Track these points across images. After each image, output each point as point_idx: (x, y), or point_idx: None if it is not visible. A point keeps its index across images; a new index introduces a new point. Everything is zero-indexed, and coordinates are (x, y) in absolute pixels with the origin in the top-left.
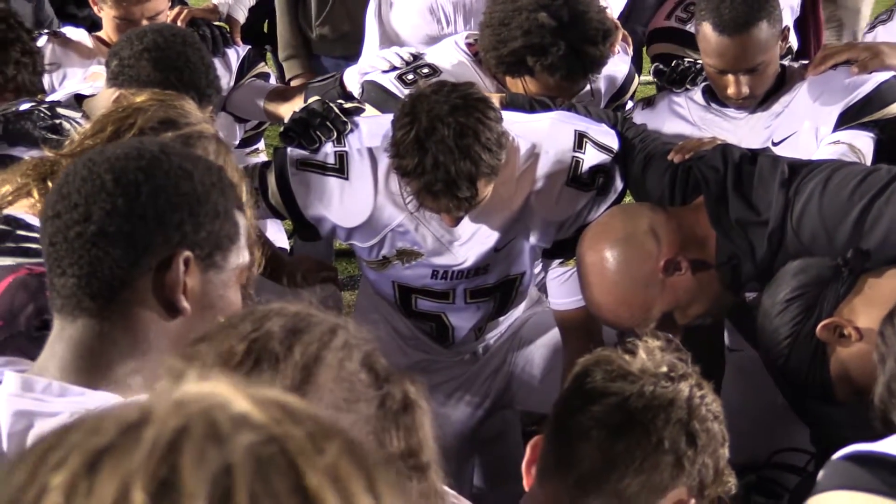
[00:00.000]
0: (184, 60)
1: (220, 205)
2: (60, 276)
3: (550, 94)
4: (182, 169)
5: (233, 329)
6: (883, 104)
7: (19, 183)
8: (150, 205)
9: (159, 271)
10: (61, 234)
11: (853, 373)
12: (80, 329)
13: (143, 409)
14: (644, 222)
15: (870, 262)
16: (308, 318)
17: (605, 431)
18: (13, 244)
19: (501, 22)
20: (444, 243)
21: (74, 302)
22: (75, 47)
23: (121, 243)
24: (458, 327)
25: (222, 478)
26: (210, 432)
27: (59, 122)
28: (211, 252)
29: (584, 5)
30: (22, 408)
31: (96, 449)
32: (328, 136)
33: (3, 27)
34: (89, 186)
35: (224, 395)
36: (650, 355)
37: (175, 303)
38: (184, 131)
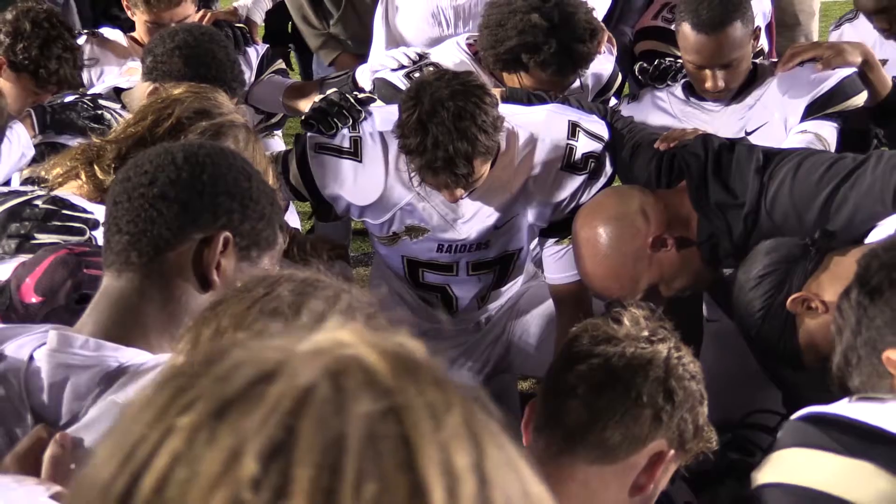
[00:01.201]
0: (211, 57)
1: (267, 212)
2: (116, 234)
3: (543, 88)
4: (244, 170)
5: (247, 293)
6: (845, 97)
7: (68, 166)
8: (209, 185)
9: (201, 245)
10: (126, 195)
11: (820, 342)
12: (123, 283)
13: (277, 361)
14: (635, 203)
15: (835, 242)
16: (315, 283)
17: (589, 388)
18: (59, 223)
19: (498, 23)
20: (448, 221)
21: (124, 257)
22: (111, 46)
23: (175, 209)
24: (462, 297)
25: (334, 450)
26: (333, 396)
27: (100, 113)
28: (249, 245)
29: (573, 7)
30: (61, 361)
31: (224, 398)
32: (344, 123)
33: (46, 26)
34: (161, 159)
35: (355, 348)
36: (634, 322)
37: (208, 276)
38: (216, 120)
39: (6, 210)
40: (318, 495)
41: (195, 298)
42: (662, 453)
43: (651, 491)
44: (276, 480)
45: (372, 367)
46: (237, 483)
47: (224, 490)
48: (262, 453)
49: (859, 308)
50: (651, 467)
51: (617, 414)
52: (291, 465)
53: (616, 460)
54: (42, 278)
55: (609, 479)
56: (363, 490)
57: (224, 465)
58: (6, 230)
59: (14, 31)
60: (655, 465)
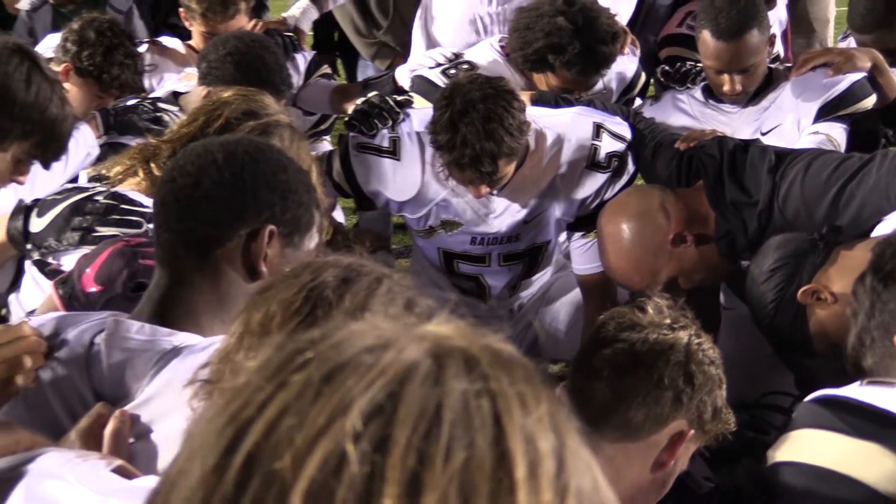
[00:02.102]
0: (261, 62)
1: (304, 198)
2: (166, 232)
3: (569, 87)
4: (279, 162)
5: (294, 279)
6: (855, 100)
7: (127, 164)
8: (250, 182)
9: (248, 239)
10: (173, 195)
11: (829, 330)
12: (174, 278)
13: (387, 338)
14: (656, 201)
15: (842, 237)
16: (358, 269)
17: (614, 371)
18: (118, 216)
19: (526, 27)
20: (480, 216)
21: (174, 254)
22: (170, 53)
23: (220, 208)
24: (494, 286)
25: (431, 417)
26: (435, 372)
27: (159, 115)
28: (291, 232)
29: (595, 12)
30: (119, 346)
31: (337, 363)
32: (384, 124)
33: (109, 34)
34: (202, 160)
35: (459, 341)
36: (657, 311)
37: (256, 267)
38: (263, 121)
39: (70, 205)
40: (412, 455)
41: (243, 287)
42: (683, 433)
43: (672, 468)
44: (375, 436)
45: (472, 355)
46: (340, 434)
47: (328, 440)
48: (365, 412)
49: (873, 293)
50: (672, 446)
51: (640, 395)
52: (391, 424)
53: (639, 439)
54: (101, 269)
55: (633, 456)
56: (453, 456)
57: (329, 419)
58: (70, 224)
59: (80, 39)
60: (676, 443)
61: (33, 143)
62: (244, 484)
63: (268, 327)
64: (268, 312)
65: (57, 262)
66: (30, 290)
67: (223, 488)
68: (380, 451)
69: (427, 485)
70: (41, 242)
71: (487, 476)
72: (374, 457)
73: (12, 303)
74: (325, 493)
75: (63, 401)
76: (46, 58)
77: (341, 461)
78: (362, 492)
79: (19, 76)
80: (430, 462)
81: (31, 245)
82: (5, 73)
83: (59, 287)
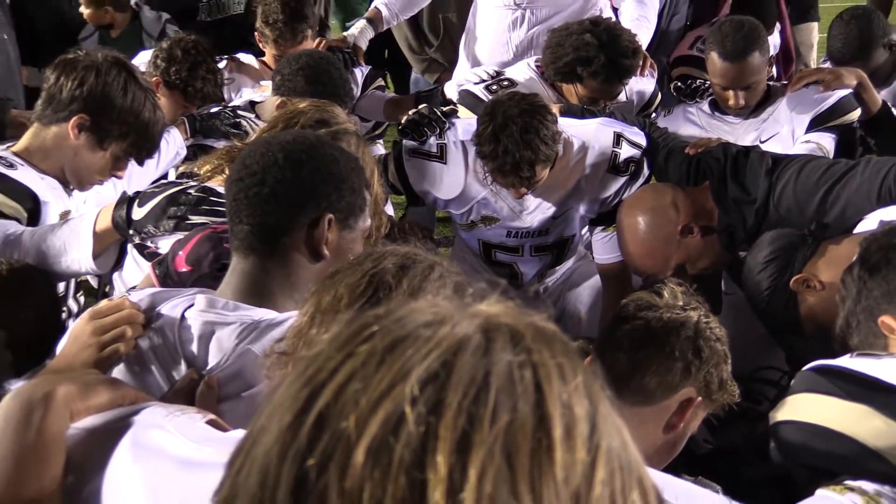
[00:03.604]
0: (327, 76)
1: (356, 184)
2: (238, 224)
3: (595, 96)
4: (332, 156)
5: (358, 266)
6: (843, 113)
7: (215, 163)
8: (308, 178)
9: (310, 227)
10: (243, 193)
11: (817, 313)
12: (250, 264)
13: (442, 315)
14: (668, 197)
15: (829, 232)
16: (413, 257)
17: (632, 344)
18: (207, 207)
19: (558, 43)
20: (515, 212)
21: (247, 244)
22: (246, 69)
23: (285, 203)
24: (526, 273)
25: (480, 383)
26: (484, 345)
27: (238, 121)
28: (346, 216)
29: (618, 31)
30: (207, 319)
31: (398, 335)
32: (433, 132)
33: (193, 52)
34: (265, 160)
35: (506, 318)
36: (672, 295)
37: (319, 251)
38: (333, 128)
39: (166, 196)
40: (462, 416)
41: (310, 268)
42: (691, 399)
43: (682, 430)
44: (430, 400)
45: (518, 331)
46: (400, 398)
47: (389, 402)
48: (422, 378)
49: (860, 281)
50: (681, 410)
51: (654, 365)
52: (444, 390)
53: (652, 403)
54: (191, 252)
55: (647, 418)
56: (499, 418)
57: (390, 384)
58: (166, 213)
59: (168, 56)
60: (685, 408)
61: (129, 143)
62: (315, 440)
63: (336, 307)
64: (336, 294)
65: (155, 245)
66: (131, 270)
67: (297, 443)
68: (434, 413)
69: (475, 443)
70: (141, 228)
71: (529, 436)
72: (428, 418)
73: (116, 280)
74: (385, 449)
75: (159, 365)
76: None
77: (400, 421)
78: (418, 448)
79: (117, 85)
80: (479, 423)
81: (133, 231)
82: (105, 82)
83: (156, 267)
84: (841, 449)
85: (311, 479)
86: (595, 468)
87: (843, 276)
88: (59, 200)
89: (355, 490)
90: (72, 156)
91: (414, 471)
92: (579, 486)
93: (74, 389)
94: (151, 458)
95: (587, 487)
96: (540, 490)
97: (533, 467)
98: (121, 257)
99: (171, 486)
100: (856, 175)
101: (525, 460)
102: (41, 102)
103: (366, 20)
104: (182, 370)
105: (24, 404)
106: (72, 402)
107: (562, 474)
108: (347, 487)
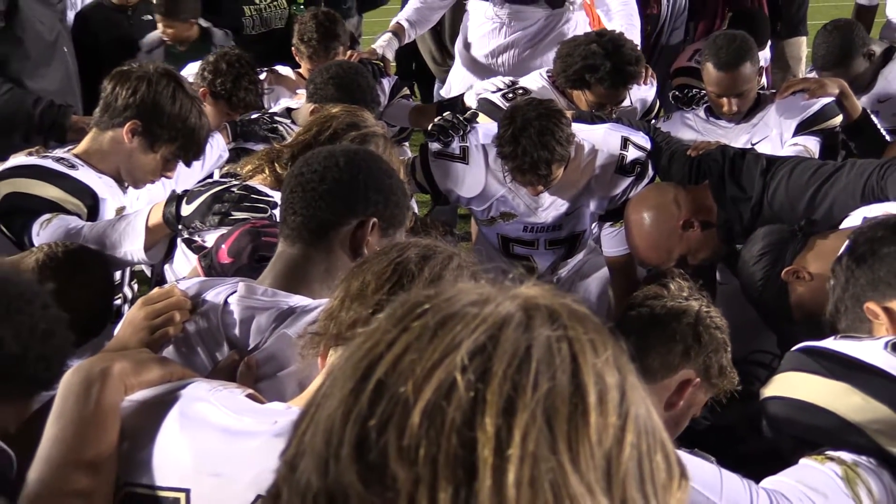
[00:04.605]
0: (356, 85)
1: (402, 201)
2: (292, 214)
3: (602, 101)
4: (386, 170)
5: (384, 255)
6: (826, 119)
7: (256, 164)
8: (363, 183)
9: (356, 227)
10: (301, 186)
11: (806, 302)
12: (296, 251)
13: (487, 295)
14: (670, 195)
15: (817, 228)
16: (434, 248)
17: (639, 327)
18: (249, 204)
19: (567, 54)
20: (531, 209)
21: (297, 233)
22: (284, 80)
23: (339, 201)
24: (541, 265)
25: (522, 355)
26: (526, 321)
27: (276, 125)
28: (388, 226)
29: (622, 41)
30: (247, 304)
31: (448, 312)
32: (456, 136)
33: (237, 65)
34: (328, 161)
35: (543, 299)
36: (679, 288)
37: (359, 250)
38: (362, 131)
39: (211, 195)
40: (507, 383)
41: (347, 263)
42: (689, 380)
43: (682, 409)
44: (478, 369)
45: (555, 310)
46: (451, 367)
47: (441, 371)
48: (470, 350)
49: (848, 270)
50: (680, 389)
51: (657, 346)
52: (491, 360)
53: (654, 381)
54: (233, 245)
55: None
56: (540, 385)
57: (442, 355)
58: (211, 209)
59: (214, 69)
60: (683, 388)
61: (178, 146)
62: (375, 403)
63: (364, 292)
64: (364, 280)
65: (201, 239)
66: (180, 261)
67: (359, 406)
68: (482, 381)
69: (519, 407)
70: (189, 224)
71: (566, 401)
72: (477, 384)
73: (166, 271)
74: (438, 411)
75: (204, 346)
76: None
77: (452, 387)
78: (468, 411)
79: (167, 94)
80: (522, 390)
81: (182, 226)
82: (156, 91)
83: (202, 259)
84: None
85: (373, 439)
86: (625, 431)
87: (833, 265)
88: (115, 198)
89: (412, 447)
90: (126, 158)
91: (465, 430)
92: (611, 448)
93: (129, 366)
94: (196, 427)
95: (618, 448)
96: (577, 449)
97: (570, 429)
98: (171, 250)
99: (213, 451)
100: (842, 176)
101: (563, 423)
102: (99, 110)
103: (391, 33)
104: (225, 351)
105: (84, 379)
106: (126, 378)
107: (596, 436)
108: (405, 445)
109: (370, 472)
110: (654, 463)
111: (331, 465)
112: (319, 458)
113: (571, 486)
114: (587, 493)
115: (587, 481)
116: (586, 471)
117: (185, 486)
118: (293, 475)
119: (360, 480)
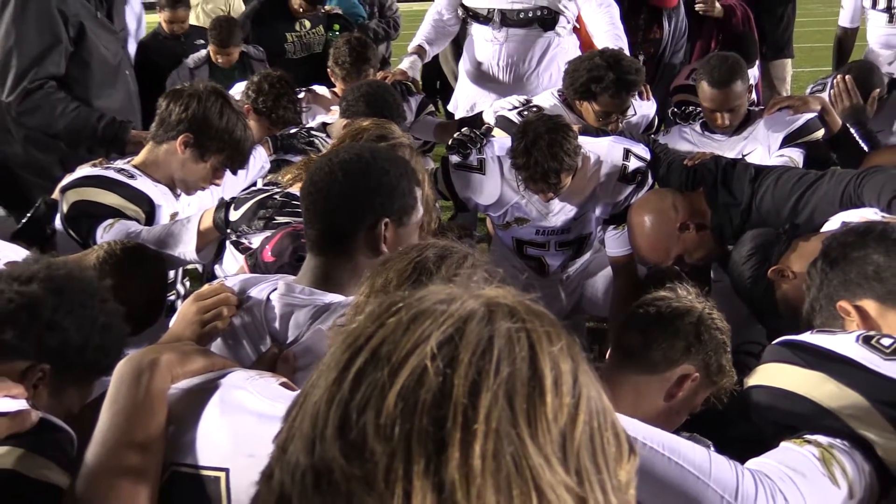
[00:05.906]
0: (383, 101)
1: (406, 187)
2: (311, 229)
3: (608, 110)
4: (383, 168)
5: (405, 255)
6: (810, 132)
7: (295, 173)
8: (364, 191)
9: (369, 230)
10: (312, 204)
11: (791, 298)
12: (321, 262)
13: (454, 295)
14: (669, 200)
15: (800, 231)
16: (450, 248)
17: (644, 324)
18: (290, 209)
19: (574, 69)
20: (543, 214)
21: (317, 245)
22: (320, 98)
23: (346, 213)
24: (552, 264)
25: (485, 344)
26: (489, 316)
27: (312, 139)
28: (400, 217)
29: (621, 55)
30: (287, 301)
31: (419, 309)
32: (474, 148)
33: (278, 86)
34: (329, 178)
35: (504, 298)
36: (685, 291)
37: (378, 248)
38: (391, 142)
39: (256, 202)
40: (472, 369)
41: (372, 261)
42: (688, 375)
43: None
44: (447, 357)
45: (514, 307)
46: (422, 355)
47: (414, 358)
48: (439, 341)
49: (822, 272)
50: (679, 383)
51: (660, 341)
52: (458, 349)
53: (656, 373)
54: (275, 246)
55: (652, 385)
56: (501, 370)
57: (414, 345)
58: (256, 214)
59: (257, 89)
60: (683, 381)
61: (225, 156)
62: (355, 389)
63: (387, 288)
64: (387, 278)
65: (248, 241)
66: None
67: (341, 392)
68: (450, 367)
69: (483, 389)
70: (236, 227)
71: (525, 384)
72: (445, 370)
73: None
74: (411, 394)
75: (249, 339)
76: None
77: (423, 373)
78: (437, 393)
79: (215, 109)
80: (486, 374)
81: (230, 230)
82: (206, 107)
83: (248, 259)
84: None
85: (353, 419)
86: (578, 410)
87: (808, 268)
88: (169, 204)
89: (389, 425)
90: (179, 167)
91: (435, 410)
92: (566, 424)
93: (175, 357)
94: (235, 412)
95: (572, 425)
96: (535, 425)
97: (529, 407)
98: (220, 251)
99: (250, 434)
100: (823, 184)
101: (523, 402)
102: (154, 125)
103: (415, 55)
104: (268, 343)
105: (135, 368)
106: (172, 367)
107: (552, 414)
108: (382, 423)
109: (351, 449)
110: (605, 438)
111: (317, 445)
112: (307, 439)
113: (531, 457)
114: (545, 464)
115: (545, 453)
116: (544, 444)
117: (225, 466)
118: (284, 456)
119: (342, 456)
